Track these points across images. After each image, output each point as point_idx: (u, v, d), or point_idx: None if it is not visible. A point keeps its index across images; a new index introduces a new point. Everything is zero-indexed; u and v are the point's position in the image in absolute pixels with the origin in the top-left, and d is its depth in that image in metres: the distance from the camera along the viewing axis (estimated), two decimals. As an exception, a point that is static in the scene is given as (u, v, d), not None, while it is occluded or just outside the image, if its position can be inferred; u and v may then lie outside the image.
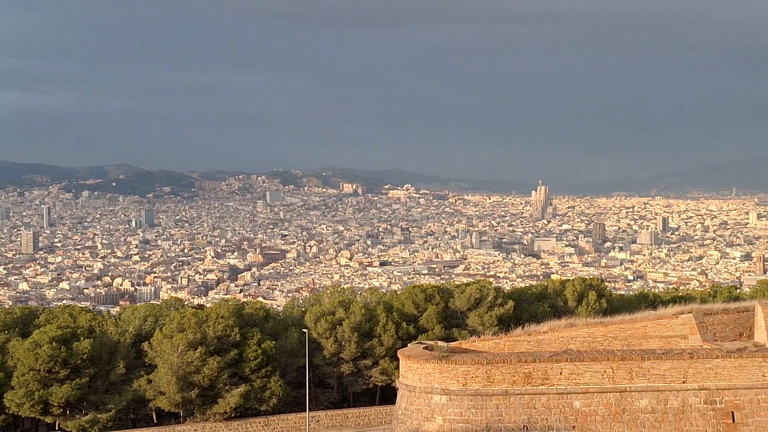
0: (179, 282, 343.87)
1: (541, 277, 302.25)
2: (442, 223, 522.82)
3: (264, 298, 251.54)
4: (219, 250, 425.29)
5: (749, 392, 45.42)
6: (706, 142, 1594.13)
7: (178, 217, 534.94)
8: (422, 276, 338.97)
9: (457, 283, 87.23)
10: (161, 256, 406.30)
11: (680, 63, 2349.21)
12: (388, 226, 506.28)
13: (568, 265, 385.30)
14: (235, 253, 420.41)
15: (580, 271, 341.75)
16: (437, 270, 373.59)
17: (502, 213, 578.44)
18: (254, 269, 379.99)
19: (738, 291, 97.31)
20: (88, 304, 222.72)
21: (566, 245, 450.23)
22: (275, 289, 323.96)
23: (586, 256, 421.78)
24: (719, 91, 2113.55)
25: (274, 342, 65.91)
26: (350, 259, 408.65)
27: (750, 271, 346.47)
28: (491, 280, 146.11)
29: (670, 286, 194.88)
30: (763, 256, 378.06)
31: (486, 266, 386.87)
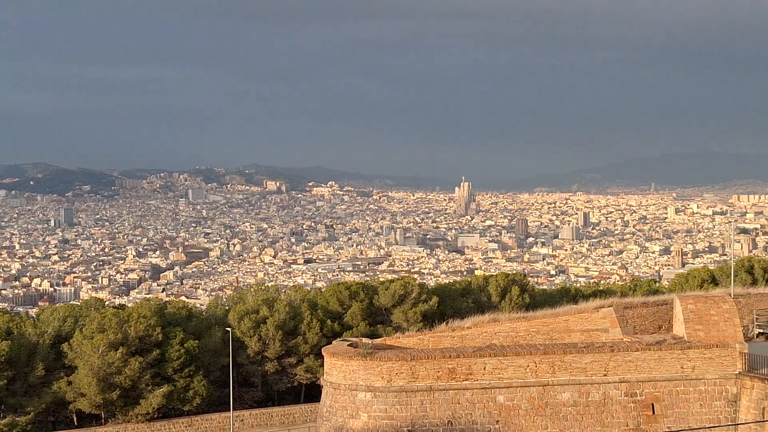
0: (100, 282, 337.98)
1: (465, 273, 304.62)
2: (367, 220, 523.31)
3: (187, 297, 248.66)
4: (140, 249, 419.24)
5: (668, 384, 46.28)
6: (625, 138, 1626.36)
7: (98, 216, 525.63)
8: (347, 273, 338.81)
9: (381, 279, 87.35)
10: (81, 256, 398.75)
11: (602, 60, 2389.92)
12: (312, 224, 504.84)
13: (491, 261, 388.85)
14: (157, 252, 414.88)
15: (504, 266, 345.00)
16: (362, 267, 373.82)
17: (426, 209, 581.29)
18: (177, 268, 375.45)
19: (657, 284, 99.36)
20: (6, 305, 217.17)
21: (490, 241, 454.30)
22: (198, 288, 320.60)
23: (509, 251, 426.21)
24: (639, 87, 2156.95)
25: (197, 341, 65.18)
26: (274, 256, 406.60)
27: (669, 265, 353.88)
28: (415, 276, 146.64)
29: (592, 281, 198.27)
30: (681, 250, 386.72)
31: (410, 263, 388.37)
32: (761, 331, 56.89)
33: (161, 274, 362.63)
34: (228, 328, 64.12)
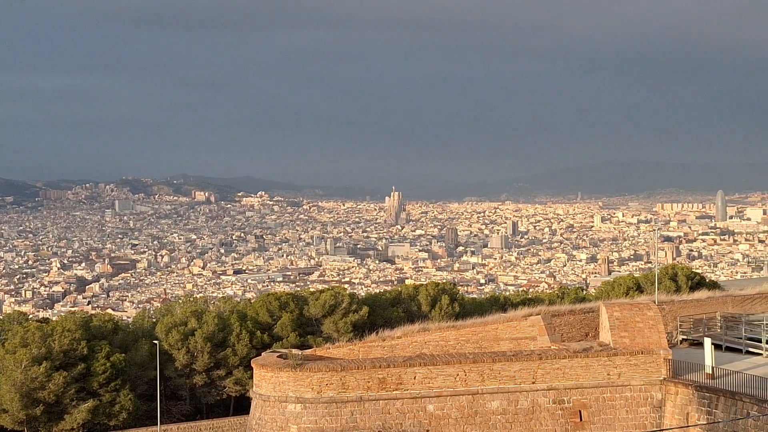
0: (23, 295, 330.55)
1: (395, 283, 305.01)
2: (297, 230, 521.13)
3: (113, 309, 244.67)
4: (65, 261, 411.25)
5: (595, 391, 46.91)
6: (553, 147, 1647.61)
7: (21, 228, 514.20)
8: (277, 283, 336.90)
9: (311, 290, 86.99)
10: (3, 269, 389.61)
11: (528, 70, 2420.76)
12: (242, 234, 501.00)
13: (422, 270, 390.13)
14: (83, 264, 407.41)
15: (434, 275, 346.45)
16: (292, 277, 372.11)
17: (357, 219, 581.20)
18: (103, 280, 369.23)
19: (584, 292, 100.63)
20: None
21: (420, 250, 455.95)
22: (125, 300, 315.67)
23: (439, 260, 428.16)
24: (566, 98, 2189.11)
25: (123, 355, 64.11)
26: (203, 267, 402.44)
27: (595, 273, 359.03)
28: (346, 286, 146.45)
29: (520, 289, 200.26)
30: (608, 257, 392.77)
31: (341, 272, 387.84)
32: (685, 337, 58.02)
33: (87, 287, 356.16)
34: (155, 341, 63.20)
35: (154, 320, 74.34)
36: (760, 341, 53.28)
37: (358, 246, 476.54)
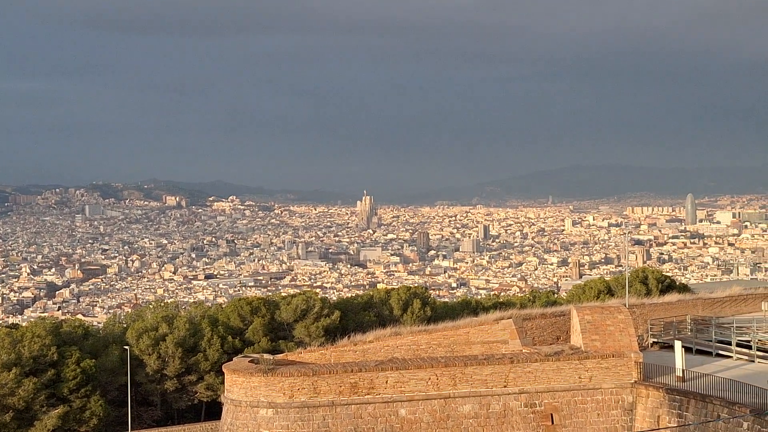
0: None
1: (367, 287, 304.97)
2: (268, 235, 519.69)
3: (84, 315, 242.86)
4: (35, 267, 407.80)
5: (567, 394, 47.07)
6: (524, 151, 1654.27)
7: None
8: (248, 288, 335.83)
9: (283, 294, 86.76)
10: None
11: (500, 74, 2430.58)
12: (213, 239, 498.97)
13: (393, 274, 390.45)
14: (53, 270, 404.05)
15: (406, 279, 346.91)
16: (264, 282, 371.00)
17: (328, 223, 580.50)
18: (73, 285, 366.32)
19: (555, 296, 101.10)
20: None
21: (391, 254, 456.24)
22: (96, 305, 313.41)
23: (411, 264, 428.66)
24: (538, 102, 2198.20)
25: (94, 360, 63.60)
26: (174, 272, 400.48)
27: (567, 276, 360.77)
28: (318, 290, 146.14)
29: (492, 293, 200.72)
30: (579, 261, 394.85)
31: (312, 277, 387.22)
32: (655, 340, 58.40)
33: (57, 292, 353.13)
34: (126, 346, 62.77)
35: (125, 326, 73.85)
36: (729, 344, 53.72)
37: (330, 250, 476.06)
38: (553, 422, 46.78)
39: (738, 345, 53.18)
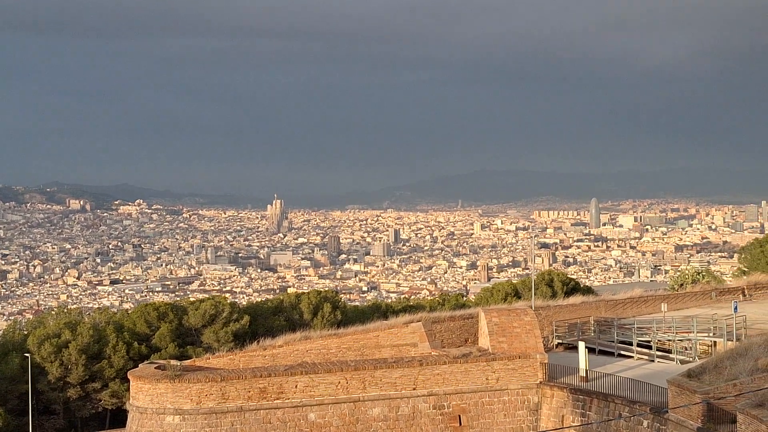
0: None
1: (277, 291, 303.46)
2: (176, 239, 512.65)
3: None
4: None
5: (474, 395, 47.65)
6: (434, 156, 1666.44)
7: None
8: (156, 293, 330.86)
9: (191, 299, 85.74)
10: None
11: (409, 79, 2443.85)
12: (119, 243, 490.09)
13: (304, 278, 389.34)
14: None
15: (316, 283, 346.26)
16: (171, 287, 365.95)
17: (238, 227, 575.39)
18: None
19: (464, 299, 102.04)
20: None
21: (302, 258, 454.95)
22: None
23: (321, 268, 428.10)
24: (446, 106, 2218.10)
25: (-7, 369, 61.89)
26: (78, 278, 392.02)
27: (475, 280, 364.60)
28: (227, 295, 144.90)
29: (402, 296, 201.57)
30: (487, 264, 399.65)
31: (222, 281, 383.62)
32: (560, 341, 59.48)
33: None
34: (27, 354, 61.23)
35: (26, 332, 71.91)
36: (631, 344, 55.05)
37: (240, 254, 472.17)
38: (460, 424, 47.29)
39: (639, 345, 54.56)
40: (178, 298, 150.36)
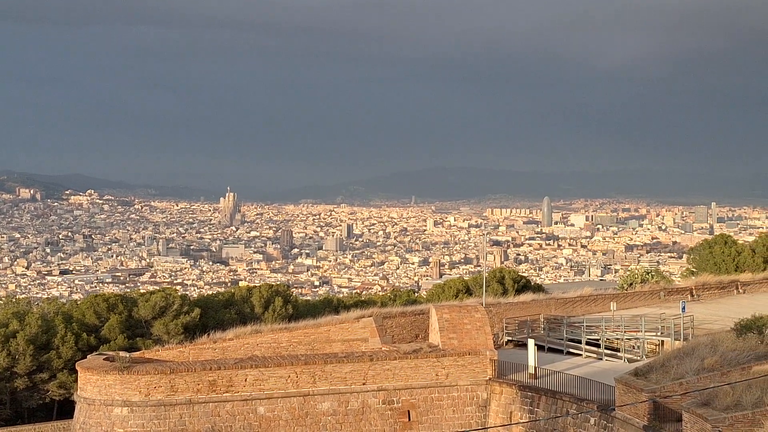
0: None
1: (229, 284, 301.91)
2: (128, 230, 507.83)
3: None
4: None
5: (424, 391, 47.90)
6: (388, 152, 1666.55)
7: None
8: (106, 284, 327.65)
9: (142, 291, 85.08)
10: None
11: (364, 75, 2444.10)
12: (70, 233, 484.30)
13: (256, 272, 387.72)
14: None
15: (268, 277, 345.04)
16: (122, 278, 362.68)
17: (190, 220, 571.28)
18: None
19: (416, 295, 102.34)
20: None
21: (254, 252, 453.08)
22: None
23: (274, 262, 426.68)
24: (400, 103, 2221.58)
25: (-62, 358, 60.96)
26: (27, 267, 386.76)
27: (427, 276, 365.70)
28: (178, 287, 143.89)
29: (354, 291, 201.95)
30: (439, 261, 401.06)
31: (173, 274, 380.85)
32: (510, 338, 59.98)
33: None
34: (-27, 344, 60.42)
35: (-27, 322, 70.93)
36: (580, 342, 55.68)
37: (192, 247, 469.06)
38: (410, 419, 47.53)
39: (587, 344, 55.21)
40: (129, 290, 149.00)
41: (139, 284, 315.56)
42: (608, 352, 53.87)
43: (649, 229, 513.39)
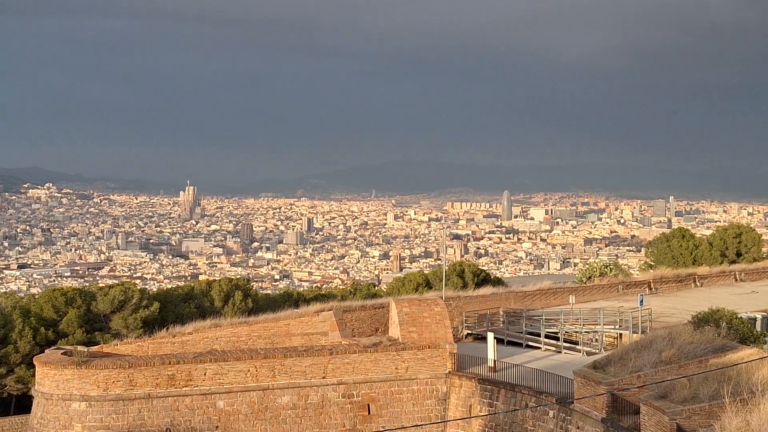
0: None
1: (188, 278, 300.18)
2: (87, 224, 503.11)
3: None
4: None
5: (384, 385, 48.05)
6: (349, 146, 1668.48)
7: None
8: (64, 279, 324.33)
9: (101, 285, 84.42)
10: None
11: (324, 68, 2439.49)
12: (28, 227, 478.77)
13: (216, 266, 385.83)
14: None
15: (228, 271, 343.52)
16: (81, 272, 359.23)
17: (150, 213, 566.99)
18: None
19: (376, 288, 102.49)
20: None
21: (214, 245, 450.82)
22: None
23: (234, 256, 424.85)
24: (360, 96, 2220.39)
25: None
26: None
27: (388, 269, 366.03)
28: (137, 281, 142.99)
29: (314, 285, 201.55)
30: (400, 254, 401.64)
31: (132, 267, 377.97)
32: (470, 332, 60.28)
33: None
34: (-72, 339, 59.69)
35: (-73, 317, 70.01)
36: (539, 335, 56.09)
37: (151, 241, 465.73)
38: (369, 412, 47.66)
39: (546, 337, 55.61)
40: (87, 284, 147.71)
41: (98, 278, 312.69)
42: (567, 345, 54.28)
43: (608, 222, 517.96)
